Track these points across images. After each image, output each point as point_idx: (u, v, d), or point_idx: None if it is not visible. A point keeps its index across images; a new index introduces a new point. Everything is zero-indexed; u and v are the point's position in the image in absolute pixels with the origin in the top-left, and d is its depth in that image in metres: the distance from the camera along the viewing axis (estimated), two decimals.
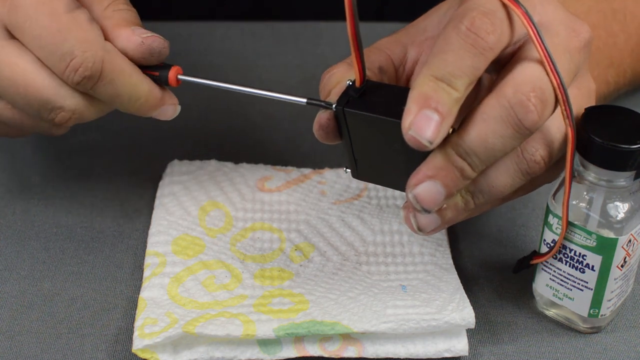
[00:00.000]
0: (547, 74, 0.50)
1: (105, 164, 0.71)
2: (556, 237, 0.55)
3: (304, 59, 0.84)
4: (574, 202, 0.55)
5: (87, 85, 0.55)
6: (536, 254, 0.58)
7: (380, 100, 0.51)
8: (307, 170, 0.69)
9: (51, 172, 0.70)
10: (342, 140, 0.54)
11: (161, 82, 0.58)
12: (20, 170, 0.70)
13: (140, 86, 0.57)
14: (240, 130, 0.75)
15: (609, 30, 0.68)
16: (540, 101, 0.49)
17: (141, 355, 0.54)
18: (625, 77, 0.70)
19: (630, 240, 0.55)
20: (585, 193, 0.55)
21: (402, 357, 0.55)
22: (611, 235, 0.54)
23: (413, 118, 0.48)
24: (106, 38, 0.56)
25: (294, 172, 0.69)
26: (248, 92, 0.56)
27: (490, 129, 0.49)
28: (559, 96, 0.50)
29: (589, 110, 0.54)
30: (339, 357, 0.55)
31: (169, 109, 0.59)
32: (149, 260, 0.60)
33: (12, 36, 0.55)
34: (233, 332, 0.54)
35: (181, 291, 0.58)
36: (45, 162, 0.71)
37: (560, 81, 0.50)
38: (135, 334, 0.55)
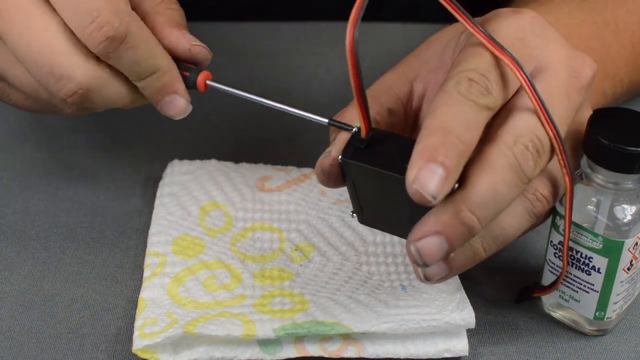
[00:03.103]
0: (543, 125, 0.50)
1: (105, 164, 0.71)
2: (562, 239, 0.55)
3: (304, 59, 0.84)
4: (583, 206, 0.55)
5: (109, 48, 0.53)
6: (537, 285, 0.58)
7: (386, 152, 0.50)
8: (307, 170, 0.69)
9: (51, 171, 0.70)
10: (347, 186, 0.53)
11: (188, 85, 0.56)
12: (20, 170, 0.70)
13: (160, 58, 0.55)
14: (240, 130, 0.75)
15: (602, 41, 0.68)
16: (536, 151, 0.50)
17: (141, 355, 0.54)
18: (622, 87, 0.70)
19: (637, 243, 0.54)
20: (593, 196, 0.55)
21: (402, 357, 0.55)
22: (617, 237, 0.54)
23: (417, 172, 0.47)
24: (155, 33, 0.55)
25: (294, 172, 0.69)
26: (272, 105, 0.55)
27: (500, 178, 0.49)
28: (556, 147, 0.50)
29: (596, 113, 0.54)
30: (339, 357, 0.55)
31: (181, 102, 0.56)
32: (149, 260, 0.60)
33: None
34: (233, 332, 0.54)
35: (181, 291, 0.58)
36: (45, 162, 0.71)
37: (556, 131, 0.50)
38: (135, 334, 0.55)
